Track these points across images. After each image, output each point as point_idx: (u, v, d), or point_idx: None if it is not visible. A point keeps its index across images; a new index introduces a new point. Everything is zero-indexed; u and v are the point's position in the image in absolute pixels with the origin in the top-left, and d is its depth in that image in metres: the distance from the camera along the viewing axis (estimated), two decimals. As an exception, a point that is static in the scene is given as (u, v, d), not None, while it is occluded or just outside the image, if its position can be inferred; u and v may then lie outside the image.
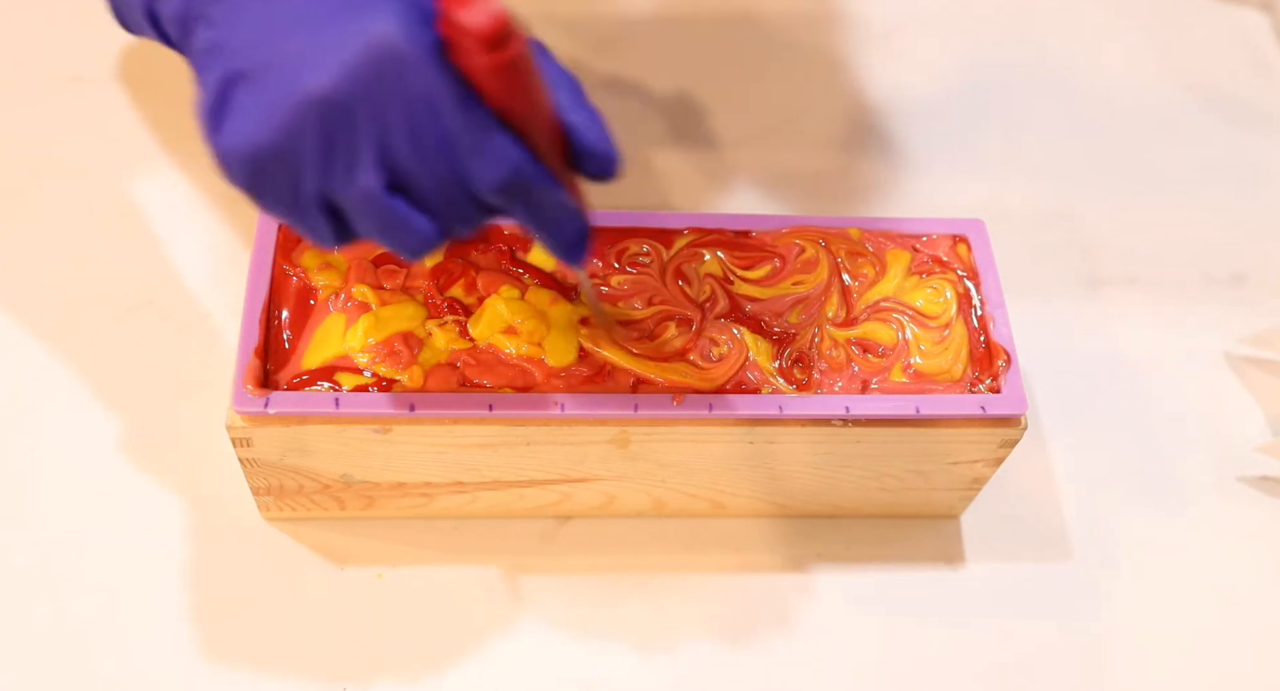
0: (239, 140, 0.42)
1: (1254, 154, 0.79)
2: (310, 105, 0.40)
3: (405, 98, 0.40)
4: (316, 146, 0.41)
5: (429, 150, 0.41)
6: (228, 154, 0.42)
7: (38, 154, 0.70)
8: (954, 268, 0.58)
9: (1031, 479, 0.65)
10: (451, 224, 0.43)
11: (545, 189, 0.43)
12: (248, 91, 0.42)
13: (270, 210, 0.44)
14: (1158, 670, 0.60)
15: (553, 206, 0.44)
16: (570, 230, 0.45)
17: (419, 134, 0.41)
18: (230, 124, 0.42)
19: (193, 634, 0.57)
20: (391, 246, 0.43)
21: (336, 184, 0.42)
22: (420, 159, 0.41)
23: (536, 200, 0.43)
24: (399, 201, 0.42)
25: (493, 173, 0.42)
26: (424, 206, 0.43)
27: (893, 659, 0.59)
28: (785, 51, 0.81)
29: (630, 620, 0.59)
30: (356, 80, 0.40)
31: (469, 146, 0.41)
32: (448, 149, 0.41)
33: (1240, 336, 0.70)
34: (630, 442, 0.55)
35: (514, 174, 0.42)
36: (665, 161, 0.74)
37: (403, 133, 0.41)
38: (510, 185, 0.42)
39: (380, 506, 0.59)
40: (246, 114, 0.42)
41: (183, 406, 0.62)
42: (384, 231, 0.43)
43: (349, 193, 0.42)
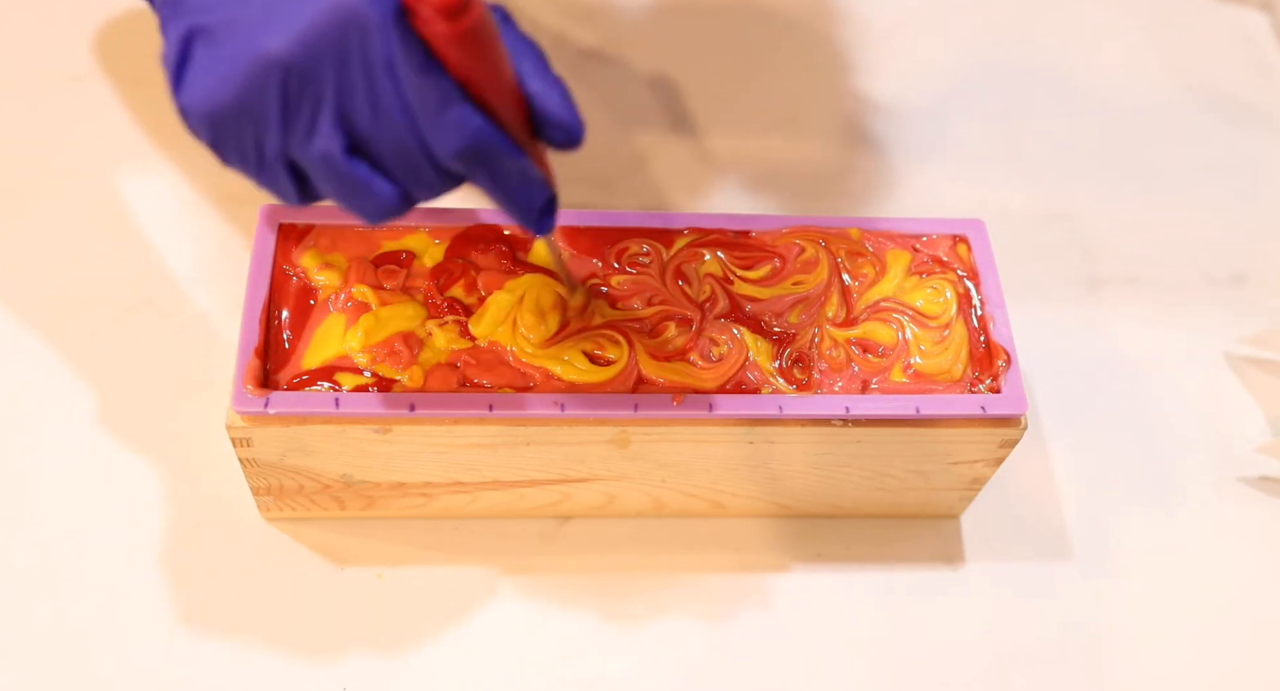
0: (199, 97, 0.42)
1: (1254, 154, 0.79)
2: (269, 66, 0.41)
3: (365, 62, 0.41)
4: (276, 107, 0.41)
5: (389, 116, 0.41)
6: (188, 110, 0.42)
7: (38, 154, 0.70)
8: (954, 268, 0.58)
9: (1031, 479, 0.65)
10: (413, 189, 0.44)
11: (507, 157, 0.43)
12: (208, 48, 0.42)
13: (234, 167, 0.44)
14: (1158, 670, 0.60)
15: (515, 174, 0.44)
16: (534, 198, 0.45)
17: (379, 99, 0.41)
18: (191, 80, 0.42)
19: (193, 633, 0.57)
20: (352, 209, 0.44)
21: (296, 145, 0.42)
22: (380, 124, 0.42)
23: (499, 168, 0.43)
24: (360, 165, 0.42)
25: (453, 140, 0.42)
26: (385, 170, 0.43)
27: (893, 659, 0.59)
28: (785, 51, 0.81)
29: (630, 620, 0.59)
30: (317, 43, 0.40)
31: (429, 113, 0.41)
32: (407, 115, 0.42)
33: (1240, 336, 0.70)
34: (630, 442, 0.55)
35: (474, 141, 0.42)
36: (665, 161, 0.74)
37: (362, 97, 0.41)
38: (470, 152, 0.42)
39: (380, 506, 0.59)
40: (207, 71, 0.42)
41: (183, 406, 0.62)
42: (345, 194, 0.43)
43: (309, 154, 0.42)
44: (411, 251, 0.56)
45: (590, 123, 0.75)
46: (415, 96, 0.41)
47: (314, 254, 0.55)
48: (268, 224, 0.55)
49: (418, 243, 0.56)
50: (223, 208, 0.69)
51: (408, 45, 0.40)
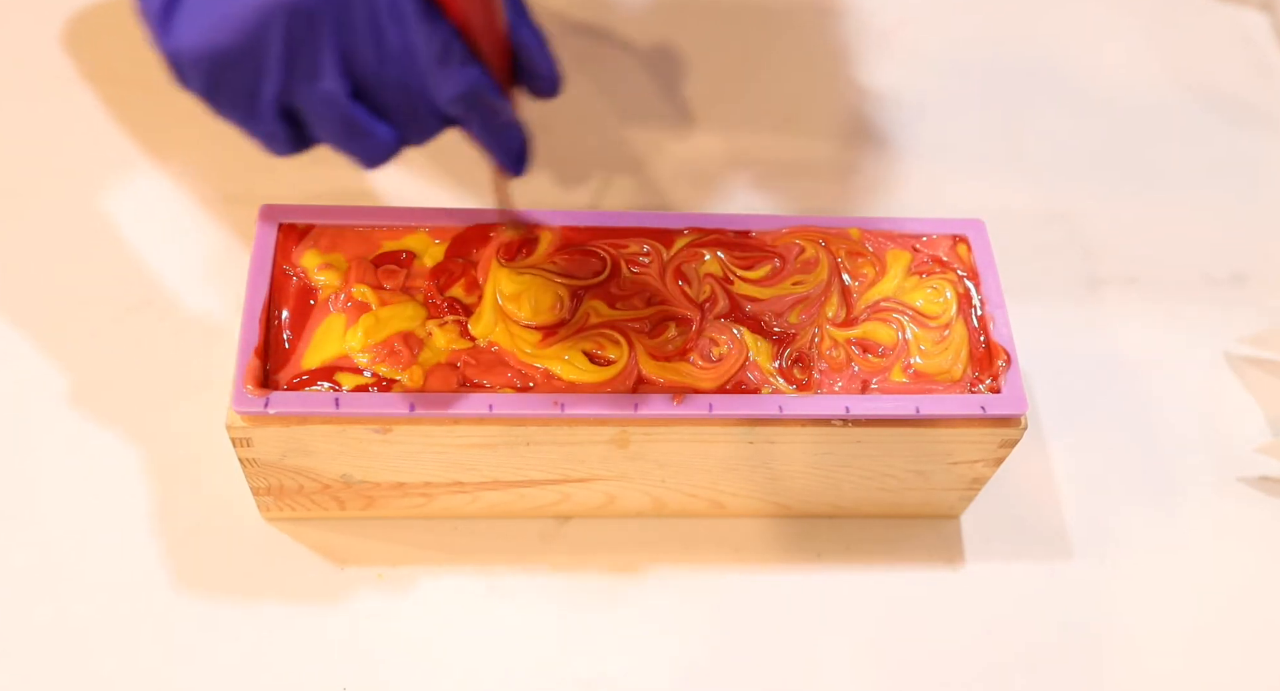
0: (194, 40, 0.41)
1: (1254, 154, 0.79)
2: (274, 8, 0.41)
3: (370, 6, 0.41)
4: (280, 50, 0.41)
5: (392, 59, 0.42)
6: (183, 55, 0.42)
7: (38, 154, 0.70)
8: (954, 268, 0.58)
9: (1031, 479, 0.65)
10: (410, 132, 0.45)
11: (499, 103, 0.45)
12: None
13: (225, 115, 0.44)
14: (1158, 670, 0.60)
15: (504, 119, 0.46)
16: (518, 141, 0.48)
17: (383, 43, 0.42)
18: (183, 24, 0.42)
19: (193, 633, 0.57)
20: (350, 152, 0.44)
21: (299, 88, 0.42)
22: (383, 67, 0.42)
23: (489, 113, 0.45)
24: (360, 108, 0.43)
25: (453, 85, 0.43)
26: (384, 114, 0.44)
27: (893, 658, 0.59)
28: (785, 51, 0.81)
29: (630, 620, 0.59)
30: None
31: (431, 58, 0.42)
32: (410, 59, 0.43)
33: (1240, 336, 0.70)
34: (630, 442, 0.55)
35: (473, 87, 0.43)
36: (665, 160, 0.74)
37: (367, 41, 0.42)
38: (467, 98, 0.44)
39: (380, 506, 0.59)
40: (201, 14, 0.41)
41: (183, 406, 0.62)
42: (344, 137, 0.44)
43: (311, 97, 0.43)
44: (411, 251, 0.56)
45: (591, 122, 0.75)
46: (417, 41, 0.42)
47: (314, 254, 0.55)
48: (268, 224, 0.55)
49: (418, 243, 0.56)
50: (223, 208, 0.69)
51: None
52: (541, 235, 0.56)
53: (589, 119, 0.76)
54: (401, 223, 0.56)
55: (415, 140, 0.45)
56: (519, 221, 0.56)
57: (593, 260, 0.56)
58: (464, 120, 0.45)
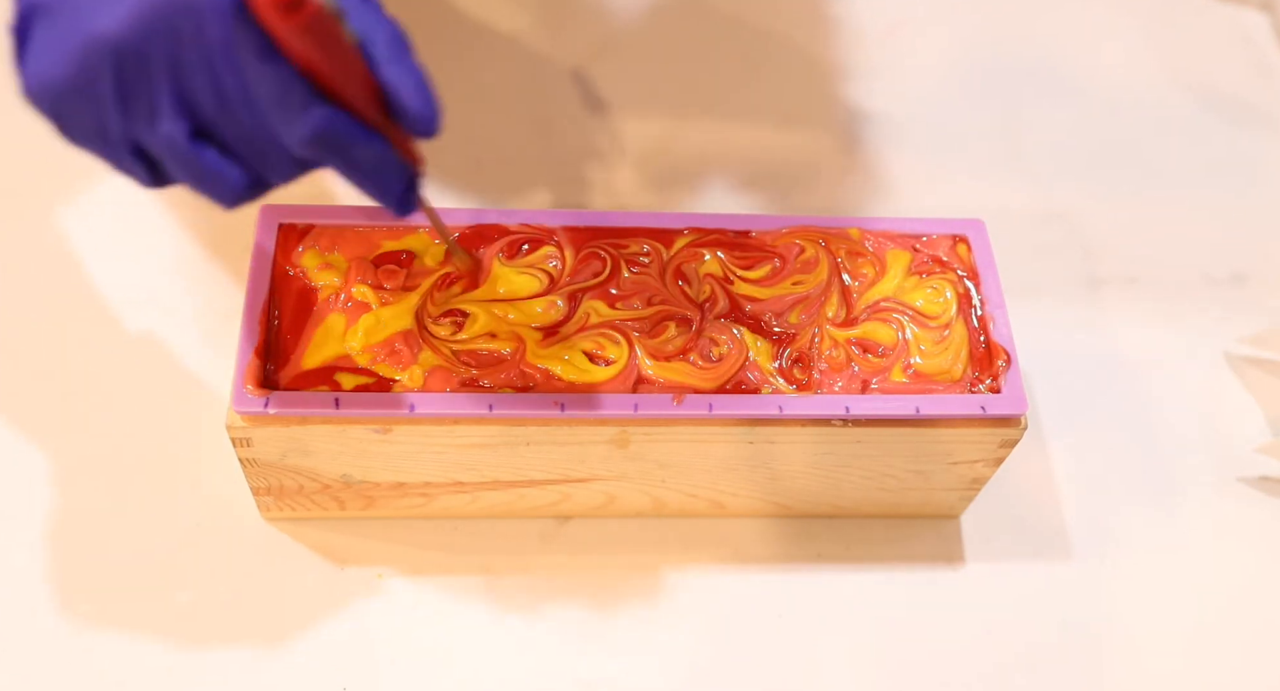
0: (36, 76, 0.42)
1: (1254, 154, 0.79)
2: (100, 46, 0.40)
3: (202, 47, 0.40)
4: (112, 90, 0.41)
5: (231, 102, 0.41)
6: (28, 89, 0.42)
7: (38, 154, 0.70)
8: (954, 268, 0.58)
9: (1031, 479, 0.65)
10: (265, 173, 0.43)
11: (359, 143, 0.42)
12: (45, 26, 0.41)
13: (83, 148, 0.43)
14: (1158, 669, 0.60)
15: (370, 159, 0.43)
16: (392, 182, 0.44)
17: (220, 85, 0.41)
18: (30, 58, 0.42)
19: (193, 633, 0.57)
20: (203, 193, 0.43)
21: (140, 129, 0.42)
22: (224, 111, 0.41)
23: (351, 154, 0.42)
24: (206, 150, 0.42)
25: (298, 129, 0.41)
26: (234, 155, 0.43)
27: (893, 658, 0.59)
28: (785, 50, 0.81)
29: (630, 620, 0.59)
30: (148, 24, 0.40)
31: (272, 102, 0.41)
32: (250, 103, 0.41)
33: (1240, 336, 0.70)
34: (630, 442, 0.55)
35: (321, 130, 0.41)
36: (664, 160, 0.74)
37: (203, 82, 0.41)
38: (318, 141, 0.41)
39: (380, 506, 0.59)
40: (43, 50, 0.41)
41: (183, 406, 0.62)
42: (193, 179, 0.43)
43: (153, 139, 0.42)
44: (411, 251, 0.56)
45: (590, 122, 0.75)
46: (256, 84, 0.41)
47: (314, 254, 0.55)
48: (268, 224, 0.55)
49: (418, 243, 0.56)
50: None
51: (246, 33, 0.40)
52: (484, 263, 0.55)
53: (589, 119, 0.76)
54: (401, 223, 0.56)
55: (276, 181, 0.44)
56: (464, 257, 0.54)
57: (593, 260, 0.56)
58: (325, 162, 0.43)
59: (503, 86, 0.76)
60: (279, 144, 0.42)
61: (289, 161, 0.43)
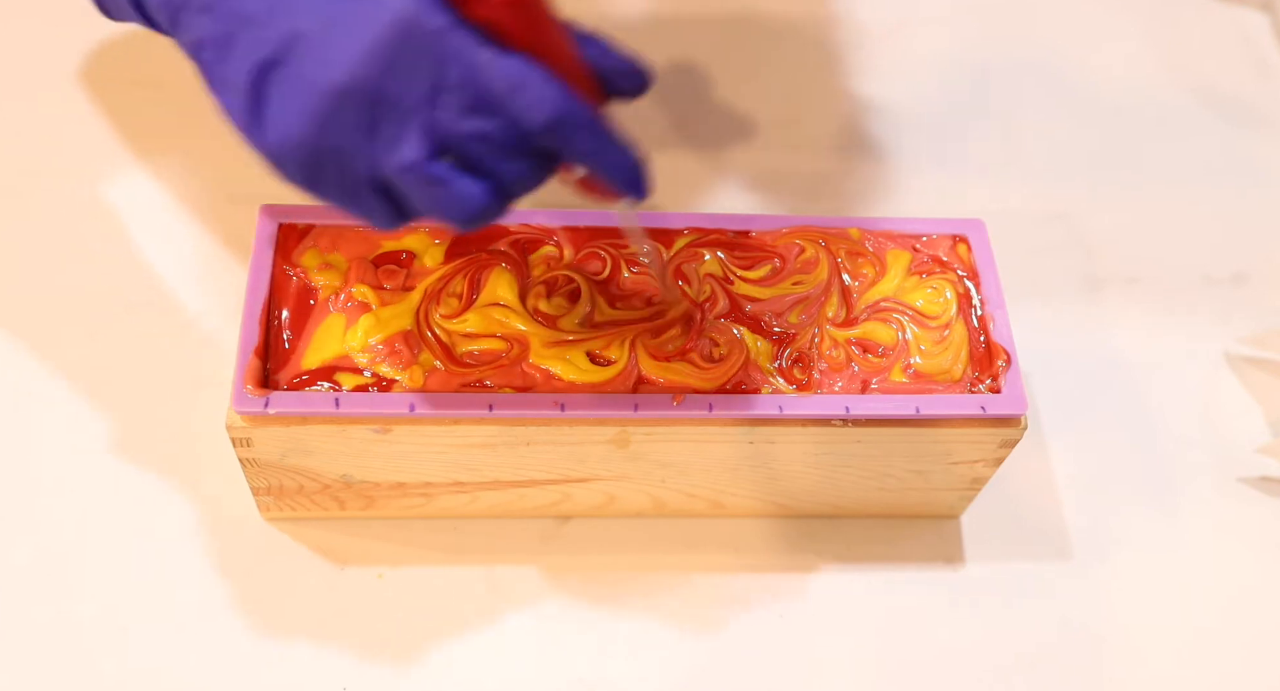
0: (287, 138, 0.42)
1: (1254, 154, 0.79)
2: (341, 94, 0.41)
3: (434, 62, 0.41)
4: (357, 130, 0.41)
5: (468, 107, 0.41)
6: (278, 152, 0.42)
7: (38, 154, 0.70)
8: (954, 268, 0.58)
9: (1031, 479, 0.65)
10: (508, 182, 0.43)
11: (594, 122, 0.43)
12: (279, 83, 0.42)
13: (326, 199, 0.44)
14: (1157, 669, 0.60)
15: (606, 139, 0.44)
16: (627, 161, 0.45)
17: (452, 93, 0.41)
18: (272, 119, 0.42)
19: (193, 633, 0.57)
20: (446, 215, 0.43)
21: (382, 164, 0.42)
22: (461, 118, 0.42)
23: (589, 135, 0.43)
24: (443, 166, 0.42)
25: (539, 111, 0.41)
26: (475, 169, 0.42)
27: (893, 659, 0.59)
28: (785, 51, 0.81)
29: (630, 620, 0.59)
30: (382, 61, 0.41)
31: (508, 91, 0.41)
32: (487, 101, 0.42)
33: (1240, 336, 0.70)
34: (630, 442, 0.55)
35: (560, 109, 0.42)
36: (664, 161, 0.74)
37: (436, 96, 0.41)
38: (560, 122, 0.42)
39: (380, 506, 0.59)
40: (284, 109, 0.42)
41: (183, 406, 0.62)
42: (433, 200, 0.42)
43: (392, 169, 0.42)
44: (411, 251, 0.56)
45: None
46: (490, 81, 0.41)
47: (314, 254, 0.55)
48: (268, 224, 0.55)
49: (418, 243, 0.56)
50: (223, 208, 0.69)
51: (467, 33, 0.41)
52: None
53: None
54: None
55: (519, 188, 0.43)
56: (671, 290, 0.55)
57: (593, 260, 0.56)
58: (565, 148, 0.43)
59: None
60: (516, 141, 0.42)
61: (527, 161, 0.43)
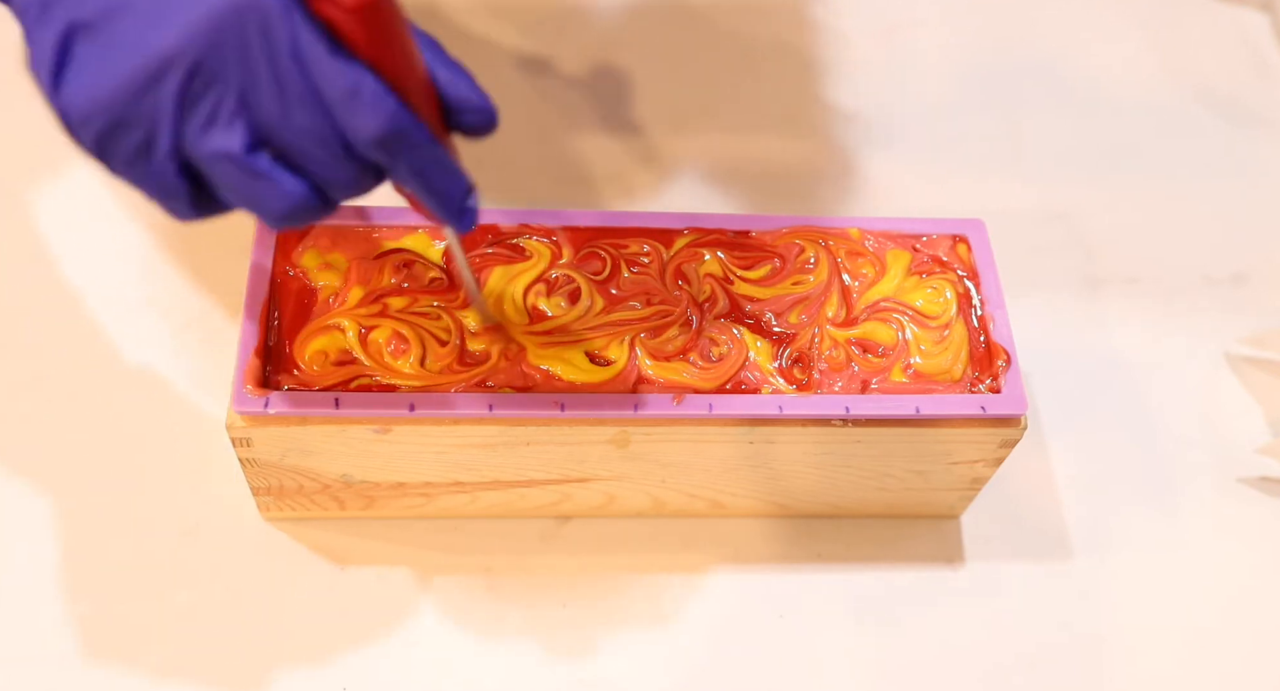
0: (83, 96, 0.39)
1: (1254, 154, 0.79)
2: (163, 62, 0.39)
3: (268, 51, 0.39)
4: (172, 103, 0.39)
5: (297, 103, 0.39)
6: (71, 112, 0.40)
7: (38, 153, 0.70)
8: (954, 268, 0.58)
9: (1031, 479, 0.65)
10: (328, 184, 0.41)
11: (426, 143, 0.41)
12: (92, 45, 0.40)
13: (120, 174, 0.41)
14: (1157, 670, 0.60)
15: (435, 163, 0.42)
16: (455, 189, 0.43)
17: (285, 89, 0.39)
18: (73, 79, 0.40)
19: (193, 634, 0.57)
20: (255, 209, 0.41)
21: (192, 142, 0.40)
22: (289, 111, 0.39)
23: (418, 156, 0.41)
24: (262, 158, 0.40)
25: (370, 123, 0.40)
26: (294, 166, 0.41)
27: (893, 659, 0.59)
28: (785, 50, 0.81)
29: (630, 620, 0.59)
30: (215, 34, 0.38)
31: (342, 97, 0.39)
32: (317, 101, 0.39)
33: (1240, 336, 0.70)
34: (630, 442, 0.55)
35: (392, 124, 0.40)
36: (663, 161, 0.74)
37: (268, 88, 0.39)
38: (389, 138, 0.40)
39: (380, 506, 0.59)
40: (93, 69, 0.40)
41: (183, 406, 0.62)
42: (246, 191, 0.40)
43: (205, 151, 0.40)
44: (411, 251, 0.56)
45: (589, 122, 0.75)
46: (324, 80, 0.39)
47: (314, 254, 0.55)
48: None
49: (418, 243, 0.56)
50: (223, 208, 0.69)
51: (312, 29, 0.39)
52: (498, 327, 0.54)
53: (589, 119, 0.76)
54: (401, 222, 0.56)
55: (339, 193, 0.42)
56: (484, 306, 0.54)
57: (593, 260, 0.56)
58: (390, 165, 0.41)
59: (503, 87, 0.76)
60: (343, 148, 0.41)
61: (354, 168, 0.41)
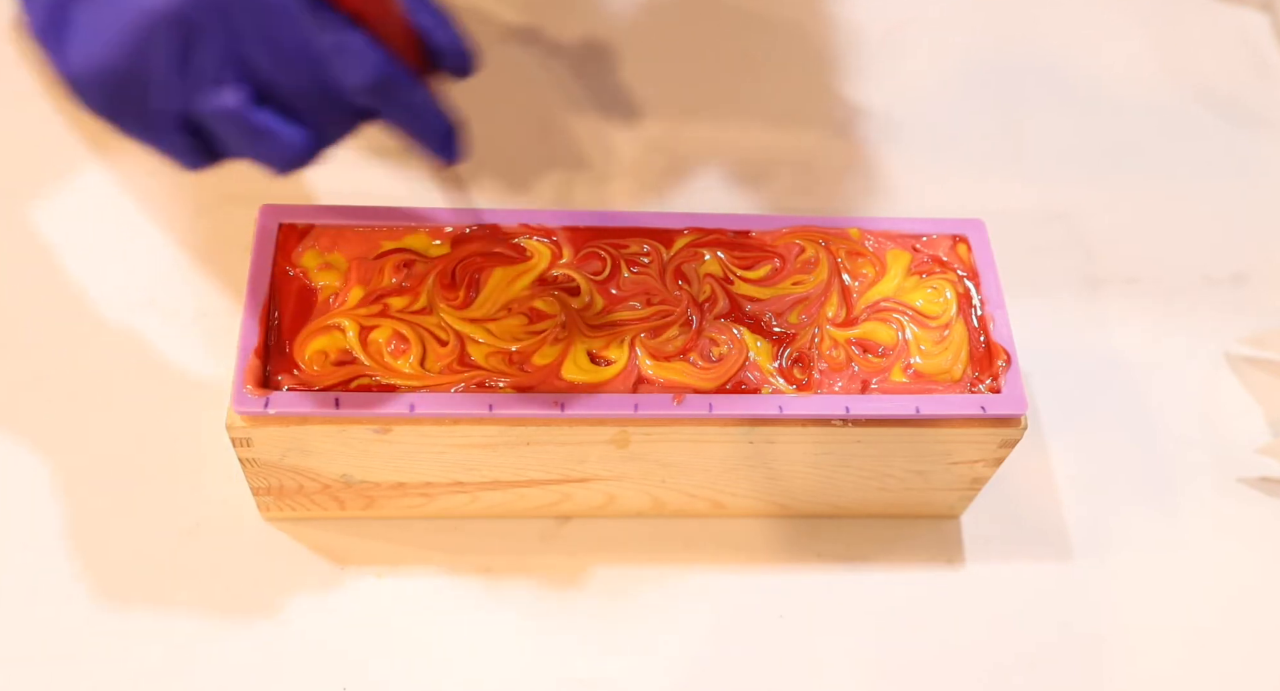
0: (88, 61, 0.41)
1: (1254, 154, 0.79)
2: (158, 19, 0.40)
3: (257, 7, 0.41)
4: (170, 63, 0.41)
5: (289, 58, 0.42)
6: (77, 76, 0.41)
7: (37, 153, 0.70)
8: (954, 268, 0.58)
9: (1031, 479, 0.65)
10: (324, 130, 0.44)
11: (411, 87, 0.44)
12: (84, 9, 0.41)
13: (128, 133, 0.43)
14: (1157, 670, 0.60)
15: (421, 104, 0.45)
16: (440, 126, 0.46)
17: (277, 42, 0.41)
18: (74, 45, 0.41)
19: (193, 633, 0.57)
20: (260, 159, 0.43)
21: (196, 100, 0.42)
22: (282, 67, 0.42)
23: (404, 99, 0.44)
24: (265, 113, 0.42)
25: (358, 73, 0.42)
26: (292, 115, 0.43)
27: (893, 659, 0.59)
28: (785, 50, 0.81)
29: (630, 620, 0.59)
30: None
31: (330, 50, 0.42)
32: (308, 54, 0.42)
33: (1240, 336, 0.70)
34: (630, 442, 0.55)
35: (378, 72, 0.42)
36: (664, 161, 0.74)
37: (259, 42, 0.41)
38: (377, 84, 0.43)
39: (380, 506, 0.59)
40: (91, 33, 0.41)
41: (183, 406, 0.62)
42: (251, 144, 0.42)
43: (211, 107, 0.42)
44: (412, 251, 0.56)
45: (589, 122, 0.75)
46: (312, 34, 0.41)
47: (314, 254, 0.55)
48: (268, 224, 0.55)
49: (418, 243, 0.56)
50: (223, 208, 0.69)
51: None
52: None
53: (589, 119, 0.76)
54: (401, 223, 0.56)
55: (331, 138, 0.44)
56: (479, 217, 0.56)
57: (593, 260, 0.56)
58: (380, 110, 0.44)
59: (503, 86, 0.76)
60: (337, 96, 0.43)
61: (346, 114, 0.44)
